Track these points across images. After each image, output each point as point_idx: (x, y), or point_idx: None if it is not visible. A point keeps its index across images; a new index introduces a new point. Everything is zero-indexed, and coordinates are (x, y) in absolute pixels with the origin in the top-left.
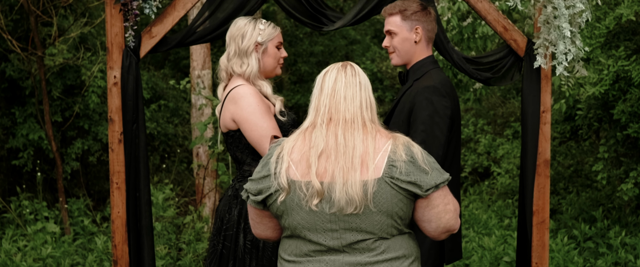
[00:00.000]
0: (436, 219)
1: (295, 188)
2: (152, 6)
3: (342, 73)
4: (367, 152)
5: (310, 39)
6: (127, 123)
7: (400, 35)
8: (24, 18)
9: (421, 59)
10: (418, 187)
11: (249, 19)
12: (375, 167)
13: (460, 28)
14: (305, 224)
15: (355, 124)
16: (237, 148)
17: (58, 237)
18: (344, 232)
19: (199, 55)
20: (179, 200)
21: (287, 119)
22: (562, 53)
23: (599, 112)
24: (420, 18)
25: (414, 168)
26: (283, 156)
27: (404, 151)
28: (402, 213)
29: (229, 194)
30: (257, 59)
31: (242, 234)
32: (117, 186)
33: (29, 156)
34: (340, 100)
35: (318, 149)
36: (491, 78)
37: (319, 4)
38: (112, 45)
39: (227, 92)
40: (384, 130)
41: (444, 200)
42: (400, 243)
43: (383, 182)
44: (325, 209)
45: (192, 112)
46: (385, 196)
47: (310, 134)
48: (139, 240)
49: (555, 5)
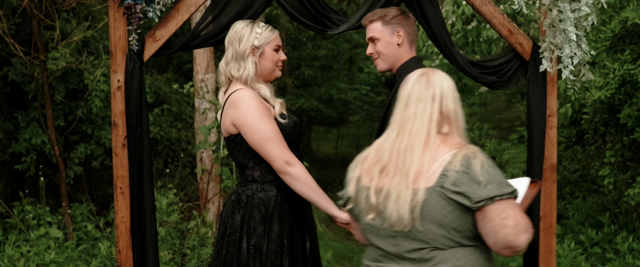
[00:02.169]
0: (493, 233)
1: (361, 199)
2: (156, 9)
3: (417, 85)
4: (422, 167)
5: (314, 42)
6: (131, 127)
7: (383, 40)
8: (26, 22)
9: (405, 61)
10: (467, 198)
11: (247, 23)
12: (429, 177)
13: (465, 31)
14: (371, 229)
15: (419, 140)
16: (239, 152)
17: (61, 243)
18: (402, 239)
19: (202, 59)
20: (182, 205)
21: (288, 121)
22: (568, 57)
23: (605, 116)
24: (401, 21)
25: (466, 179)
26: (358, 163)
27: (461, 161)
28: (456, 225)
29: (232, 199)
30: (253, 62)
31: (245, 239)
32: (121, 191)
33: (32, 160)
34: (410, 114)
35: (382, 163)
36: (496, 82)
37: (323, 7)
38: (116, 49)
39: (227, 96)
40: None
41: (502, 214)
42: (458, 256)
43: (433, 191)
44: (377, 224)
45: (196, 117)
46: (435, 206)
47: (382, 146)
48: (143, 245)
49: (560, 8)
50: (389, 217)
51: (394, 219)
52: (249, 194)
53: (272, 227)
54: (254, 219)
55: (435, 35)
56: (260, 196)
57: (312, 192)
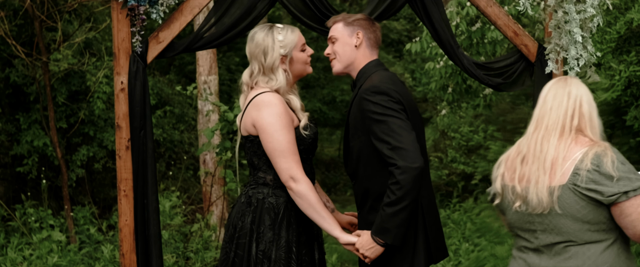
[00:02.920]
0: (632, 227)
1: (507, 192)
2: (159, 11)
3: (555, 85)
4: (558, 157)
5: (317, 43)
6: (134, 130)
7: (341, 40)
8: (28, 23)
9: (364, 64)
10: (599, 193)
11: (266, 31)
12: (562, 174)
13: (469, 33)
14: (515, 223)
15: (555, 131)
16: (255, 154)
17: (64, 246)
18: (541, 233)
19: (205, 60)
20: (185, 208)
21: (310, 133)
22: (573, 58)
23: (611, 118)
24: (363, 25)
25: (597, 176)
26: (501, 162)
27: (592, 159)
28: (592, 217)
29: (241, 201)
30: (283, 71)
31: (255, 243)
32: (124, 194)
33: (34, 162)
34: (547, 109)
35: (521, 154)
36: (502, 84)
37: (327, 8)
38: (119, 50)
39: (252, 97)
40: (585, 138)
41: (639, 209)
42: (589, 253)
43: (567, 188)
44: (523, 209)
45: (199, 119)
46: (569, 201)
47: (521, 141)
48: (147, 249)
49: (566, 10)
50: (530, 201)
51: (535, 202)
52: (260, 197)
53: (281, 233)
54: (264, 224)
55: (440, 37)
56: (271, 201)
57: (315, 212)
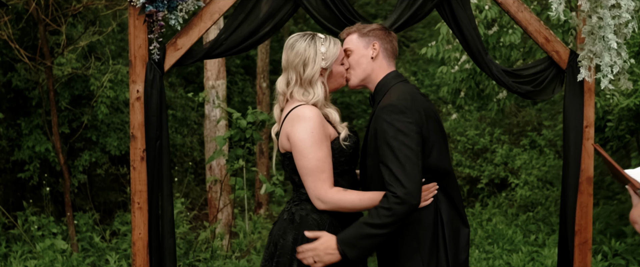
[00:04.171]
0: None
1: None
2: (178, 17)
3: None
4: None
5: None
6: (150, 140)
7: (356, 52)
8: (31, 26)
9: (382, 77)
10: None
11: (308, 41)
12: None
13: (486, 37)
14: None
15: None
16: (294, 171)
17: (69, 256)
18: None
19: (213, 65)
20: (189, 214)
21: (350, 143)
22: (607, 65)
23: (631, 124)
24: (379, 35)
25: None
26: None
27: None
28: None
29: (284, 218)
30: (322, 84)
31: (296, 263)
32: (138, 206)
33: (35, 168)
34: None
35: None
36: (532, 91)
37: (351, 13)
38: (136, 58)
39: (288, 110)
40: None
41: None
42: None
43: None
44: None
45: (205, 124)
46: None
47: None
48: (161, 263)
49: (600, 15)
50: None
51: None
52: (303, 214)
53: None
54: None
55: (468, 43)
56: (315, 217)
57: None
